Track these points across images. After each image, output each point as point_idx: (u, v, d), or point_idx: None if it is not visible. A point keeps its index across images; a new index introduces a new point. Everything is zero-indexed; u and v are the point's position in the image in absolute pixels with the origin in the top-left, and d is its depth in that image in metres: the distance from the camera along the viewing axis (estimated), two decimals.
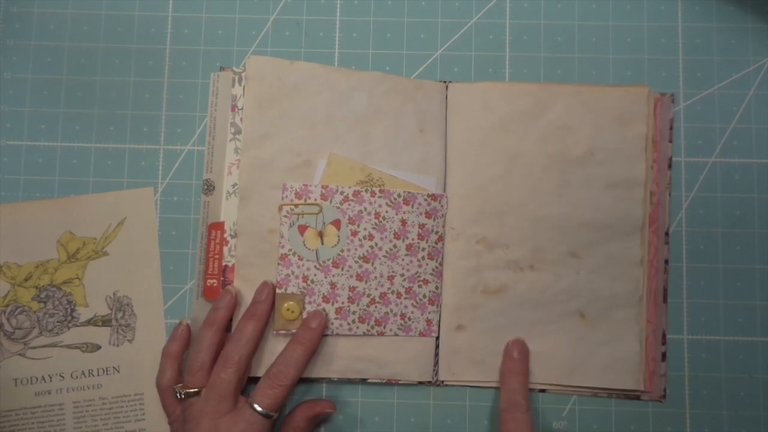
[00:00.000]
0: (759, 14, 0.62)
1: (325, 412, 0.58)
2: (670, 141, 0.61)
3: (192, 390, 0.54)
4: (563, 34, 0.62)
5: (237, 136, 0.59)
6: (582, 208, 0.59)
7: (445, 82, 0.61)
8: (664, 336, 0.59)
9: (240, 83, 0.60)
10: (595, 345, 0.59)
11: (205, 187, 0.60)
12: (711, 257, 0.60)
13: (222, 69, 0.61)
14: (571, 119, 0.60)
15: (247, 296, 0.58)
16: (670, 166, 0.61)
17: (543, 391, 0.60)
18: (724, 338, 0.59)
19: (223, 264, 0.59)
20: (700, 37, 0.62)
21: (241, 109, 0.59)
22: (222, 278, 0.59)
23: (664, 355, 0.59)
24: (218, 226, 0.59)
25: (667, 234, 0.60)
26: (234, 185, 0.59)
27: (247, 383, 0.57)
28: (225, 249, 0.59)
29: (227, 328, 0.57)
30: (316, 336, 0.56)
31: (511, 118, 0.60)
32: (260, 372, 0.57)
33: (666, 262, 0.60)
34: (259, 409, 0.53)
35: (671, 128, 0.61)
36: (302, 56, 0.63)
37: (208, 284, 0.59)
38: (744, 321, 0.59)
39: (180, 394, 0.54)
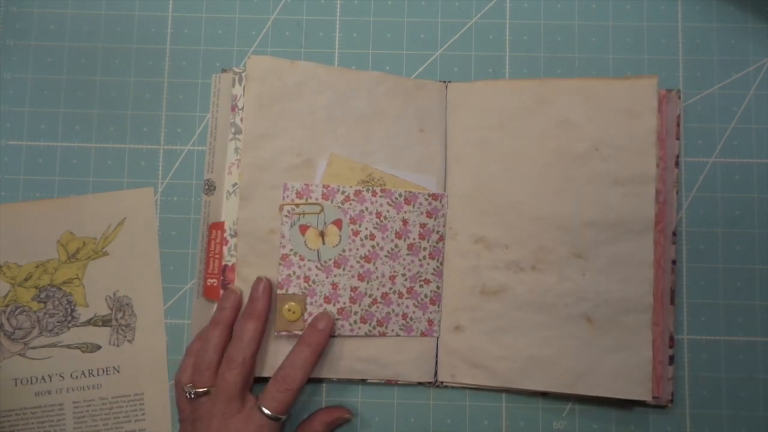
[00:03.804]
0: (759, 14, 0.62)
1: (343, 418, 0.59)
2: (677, 138, 0.60)
3: (201, 390, 0.54)
4: (563, 34, 0.63)
5: (237, 136, 0.59)
6: (587, 206, 0.58)
7: (445, 82, 0.61)
8: (671, 339, 0.58)
9: (240, 83, 0.60)
10: (603, 351, 0.57)
11: (206, 187, 0.60)
12: (711, 257, 0.60)
13: (224, 71, 0.61)
14: (574, 114, 0.58)
15: (248, 295, 0.58)
16: (677, 164, 0.59)
17: (544, 394, 0.59)
18: (724, 338, 0.59)
19: (223, 264, 0.59)
20: (700, 37, 0.62)
21: (241, 109, 0.59)
22: (222, 278, 0.59)
23: (671, 359, 0.58)
24: (219, 225, 0.59)
25: (674, 234, 0.59)
26: (234, 185, 0.59)
27: (254, 383, 0.57)
28: (225, 249, 0.59)
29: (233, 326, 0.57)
30: (324, 337, 0.56)
31: (510, 115, 0.59)
32: (264, 372, 0.57)
33: (673, 262, 0.59)
34: (268, 412, 0.53)
35: (678, 125, 0.60)
36: (302, 56, 0.63)
37: (209, 284, 0.59)
38: (744, 321, 0.59)
39: (189, 393, 0.54)
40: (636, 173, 0.57)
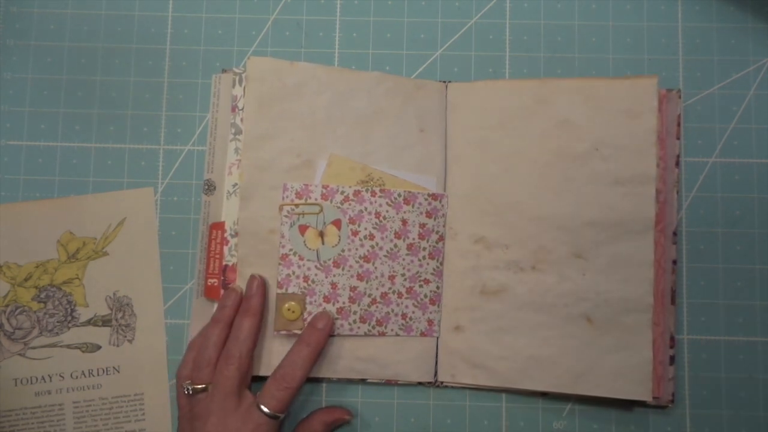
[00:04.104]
0: (759, 14, 0.62)
1: (343, 419, 0.59)
2: (678, 138, 0.60)
3: (200, 386, 0.54)
4: (563, 34, 0.63)
5: (237, 136, 0.59)
6: (587, 206, 0.58)
7: (445, 82, 0.61)
8: (672, 339, 0.58)
9: (240, 84, 0.60)
10: (603, 352, 0.57)
11: (206, 187, 0.60)
12: (711, 257, 0.60)
13: (224, 71, 0.61)
14: (574, 114, 0.58)
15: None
16: (677, 164, 0.59)
17: (544, 394, 0.59)
18: (724, 338, 0.59)
19: (224, 263, 0.59)
20: (700, 37, 0.62)
21: (242, 109, 0.59)
22: (222, 278, 0.59)
23: (672, 359, 0.58)
24: (219, 225, 0.59)
25: (675, 234, 0.59)
26: (234, 185, 0.59)
27: (252, 381, 0.57)
28: (225, 248, 0.59)
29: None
30: (323, 337, 0.56)
31: (510, 115, 0.59)
32: (262, 371, 0.58)
33: (674, 262, 0.59)
34: (266, 410, 0.53)
35: (678, 125, 0.60)
36: (302, 56, 0.63)
37: (209, 284, 0.59)
38: (744, 321, 0.59)
39: (188, 389, 0.54)
40: (636, 173, 0.57)
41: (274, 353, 0.58)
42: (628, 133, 0.58)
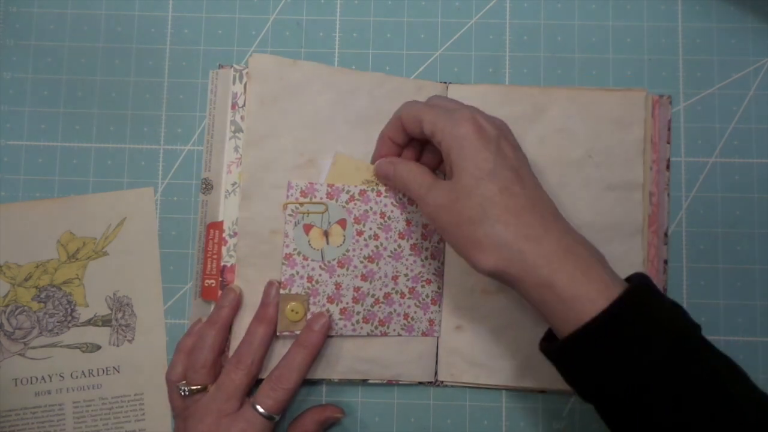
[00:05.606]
0: (759, 14, 0.62)
1: (335, 417, 0.58)
2: (668, 142, 0.61)
3: (195, 387, 0.54)
4: (563, 34, 0.63)
5: (237, 134, 0.59)
6: (582, 209, 0.59)
7: (445, 83, 0.61)
8: None
9: (240, 81, 0.59)
10: None
11: (204, 186, 0.60)
12: (711, 257, 0.60)
13: (221, 66, 0.61)
14: (569, 122, 0.59)
15: (248, 296, 0.58)
16: (668, 167, 0.60)
17: (543, 391, 0.59)
18: (724, 338, 0.60)
19: (222, 264, 0.59)
20: (700, 37, 0.62)
21: (242, 107, 0.59)
22: (220, 278, 0.59)
23: None
24: (216, 225, 0.59)
25: (666, 235, 0.60)
26: (234, 184, 0.59)
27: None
28: (223, 249, 0.59)
29: (230, 326, 0.58)
30: (320, 339, 0.56)
31: (510, 121, 0.59)
32: (264, 373, 0.57)
33: (665, 262, 0.59)
34: (261, 410, 0.53)
35: (669, 129, 0.61)
36: (302, 56, 0.63)
37: (206, 285, 0.59)
38: (744, 321, 0.60)
39: (183, 390, 0.54)
40: (625, 180, 0.59)
41: (275, 354, 0.58)
42: (618, 142, 0.59)
